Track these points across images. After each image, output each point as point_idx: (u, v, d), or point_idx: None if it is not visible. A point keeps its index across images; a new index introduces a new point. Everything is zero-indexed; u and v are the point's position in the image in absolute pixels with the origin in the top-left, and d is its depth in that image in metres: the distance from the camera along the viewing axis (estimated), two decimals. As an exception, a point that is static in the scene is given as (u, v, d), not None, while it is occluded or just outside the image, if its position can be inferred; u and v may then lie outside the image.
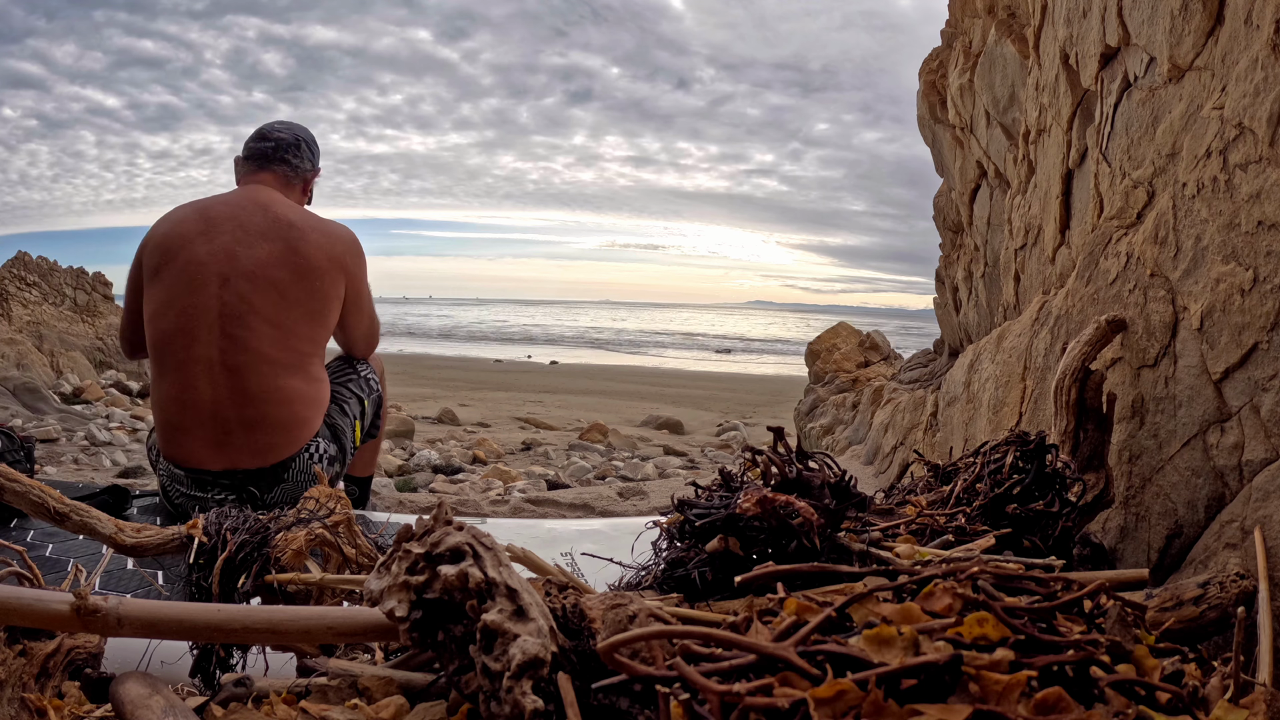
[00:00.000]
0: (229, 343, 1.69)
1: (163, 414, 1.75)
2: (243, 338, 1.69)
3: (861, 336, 5.12)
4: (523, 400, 10.20)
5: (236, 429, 1.71)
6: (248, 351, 1.70)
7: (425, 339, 29.65)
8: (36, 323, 9.69)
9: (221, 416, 1.70)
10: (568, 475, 4.88)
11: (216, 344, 1.69)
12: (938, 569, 0.58)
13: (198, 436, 1.72)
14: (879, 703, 0.43)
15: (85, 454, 5.22)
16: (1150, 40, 1.24)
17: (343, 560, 0.94)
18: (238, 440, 1.72)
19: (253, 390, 1.70)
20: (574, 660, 0.54)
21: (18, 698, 0.70)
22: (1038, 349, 1.60)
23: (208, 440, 1.72)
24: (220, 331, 1.69)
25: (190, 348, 1.69)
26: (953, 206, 3.15)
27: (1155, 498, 1.13)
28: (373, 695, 0.66)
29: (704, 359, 24.63)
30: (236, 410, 1.70)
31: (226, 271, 1.70)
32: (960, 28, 2.78)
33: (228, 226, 1.74)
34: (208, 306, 1.69)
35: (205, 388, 1.69)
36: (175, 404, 1.72)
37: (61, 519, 1.01)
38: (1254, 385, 0.95)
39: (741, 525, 0.82)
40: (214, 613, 0.66)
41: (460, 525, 0.60)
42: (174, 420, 1.73)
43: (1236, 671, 0.54)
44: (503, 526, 2.07)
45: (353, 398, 1.99)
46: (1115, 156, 1.39)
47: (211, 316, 1.69)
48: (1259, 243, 0.94)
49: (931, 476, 1.14)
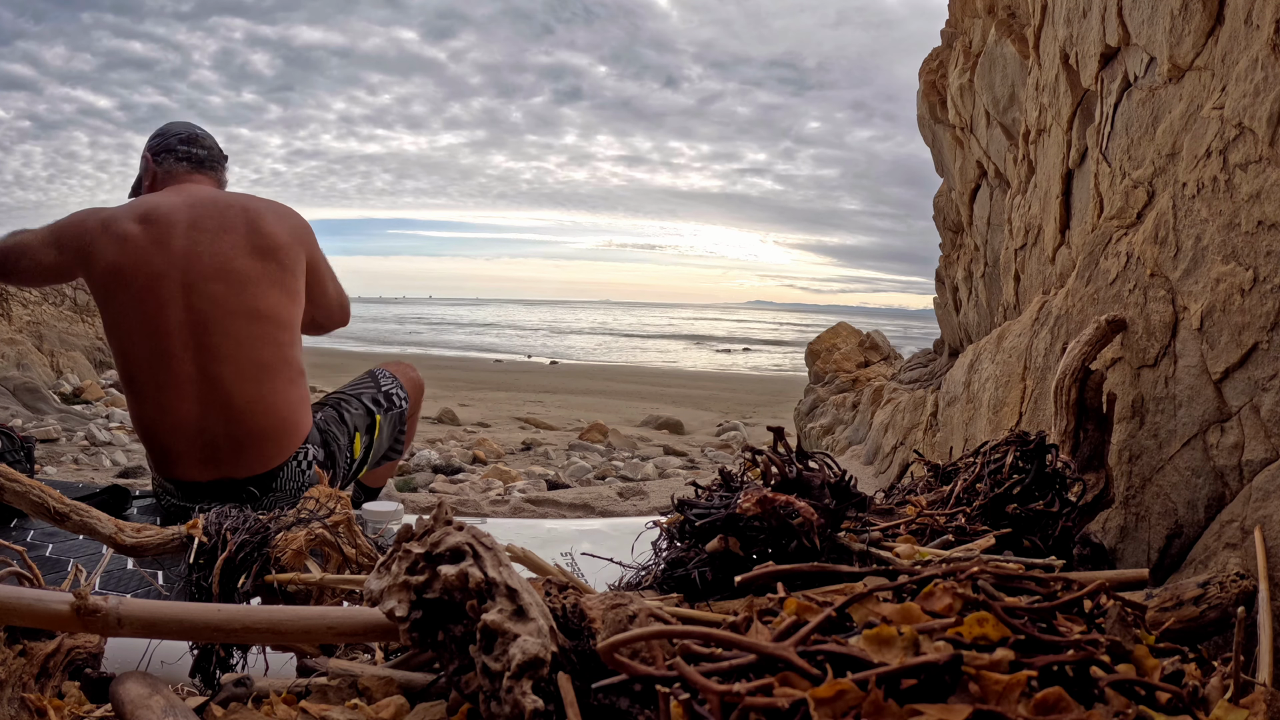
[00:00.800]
0: (205, 354, 1.62)
1: (145, 435, 1.69)
2: (219, 345, 1.62)
3: (861, 336, 5.12)
4: (523, 400, 10.20)
5: (224, 445, 1.66)
6: (226, 360, 1.63)
7: (425, 338, 29.66)
8: (36, 323, 9.69)
9: (208, 434, 1.64)
10: (568, 475, 4.88)
11: (192, 359, 1.62)
12: (938, 569, 0.58)
13: (185, 456, 1.66)
14: (879, 703, 0.43)
15: (85, 454, 5.22)
16: (1150, 40, 1.24)
17: (343, 560, 0.94)
18: (226, 455, 1.67)
19: (237, 404, 1.64)
20: (574, 660, 0.54)
21: (18, 698, 0.70)
22: (1038, 349, 1.60)
23: (195, 459, 1.66)
24: (194, 345, 1.61)
25: (166, 368, 1.61)
26: (953, 206, 3.15)
27: (1155, 498, 1.13)
28: (373, 695, 0.66)
29: (704, 359, 24.63)
30: (223, 428, 1.64)
31: (190, 278, 1.62)
32: (960, 28, 2.78)
33: (181, 229, 1.64)
34: (177, 321, 1.61)
35: (188, 408, 1.63)
36: (157, 427, 1.66)
37: (61, 519, 1.01)
38: (1254, 385, 0.95)
39: (741, 525, 0.82)
40: (214, 613, 0.66)
41: (460, 525, 0.60)
42: (158, 443, 1.68)
43: (1236, 671, 0.54)
44: (503, 526, 2.07)
45: (360, 409, 1.94)
46: (1115, 156, 1.39)
47: (184, 332, 1.61)
48: (1259, 243, 0.94)
49: (931, 476, 1.14)
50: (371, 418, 1.96)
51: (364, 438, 1.94)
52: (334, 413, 1.88)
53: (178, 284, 1.61)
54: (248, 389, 1.65)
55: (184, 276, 1.62)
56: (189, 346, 1.62)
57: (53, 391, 7.52)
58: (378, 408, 1.99)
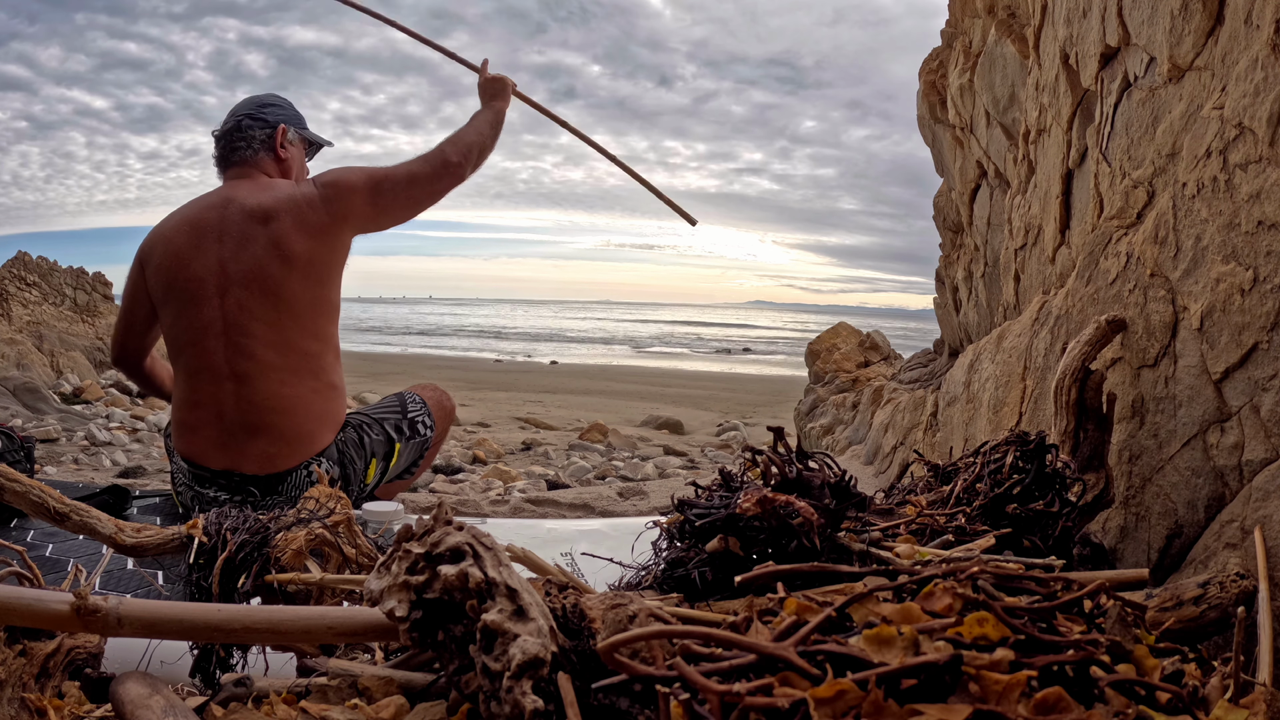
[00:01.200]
0: (234, 351, 1.72)
1: (176, 412, 1.82)
2: (247, 345, 1.72)
3: (861, 336, 5.12)
4: (523, 400, 10.19)
5: (240, 433, 1.73)
6: (253, 360, 1.72)
7: (425, 339, 29.66)
8: (36, 323, 9.69)
9: (227, 419, 1.73)
10: (568, 475, 4.88)
11: (223, 352, 1.72)
12: (938, 569, 0.58)
13: (203, 434, 1.76)
14: (879, 703, 0.43)
15: (85, 454, 5.22)
16: (1150, 40, 1.24)
17: (343, 560, 0.94)
18: (240, 444, 1.74)
19: (258, 397, 1.72)
20: (574, 660, 0.54)
21: (18, 698, 0.70)
22: (1038, 349, 1.60)
23: (212, 439, 1.75)
24: (226, 340, 1.73)
25: (200, 357, 1.74)
26: (953, 206, 3.15)
27: (1155, 498, 1.13)
28: (373, 695, 0.66)
29: (704, 359, 24.63)
30: (240, 415, 1.73)
31: (223, 283, 1.73)
32: (960, 28, 2.78)
33: (213, 235, 1.75)
34: (213, 318, 1.73)
35: (214, 393, 1.73)
36: (186, 404, 1.78)
37: (61, 519, 1.01)
38: (1254, 385, 0.95)
39: (741, 525, 0.82)
40: (214, 613, 0.66)
41: (460, 525, 0.60)
42: (184, 418, 1.79)
43: (1236, 671, 0.54)
44: (503, 526, 2.07)
45: (380, 436, 1.95)
46: (1115, 156, 1.39)
47: (217, 328, 1.73)
48: (1259, 243, 0.94)
49: (931, 476, 1.14)
50: (391, 445, 1.97)
51: (380, 464, 1.96)
52: (354, 435, 1.89)
53: (213, 287, 1.73)
54: (269, 386, 1.73)
55: (218, 281, 1.73)
56: (221, 340, 1.73)
57: (53, 391, 7.52)
58: (399, 436, 1.99)
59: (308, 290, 1.76)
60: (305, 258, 1.75)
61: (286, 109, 1.96)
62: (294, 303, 1.75)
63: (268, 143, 1.89)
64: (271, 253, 1.73)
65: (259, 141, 1.88)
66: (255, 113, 1.90)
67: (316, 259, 1.77)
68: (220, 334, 1.72)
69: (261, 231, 1.73)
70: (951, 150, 2.99)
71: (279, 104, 1.95)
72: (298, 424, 1.76)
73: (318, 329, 1.80)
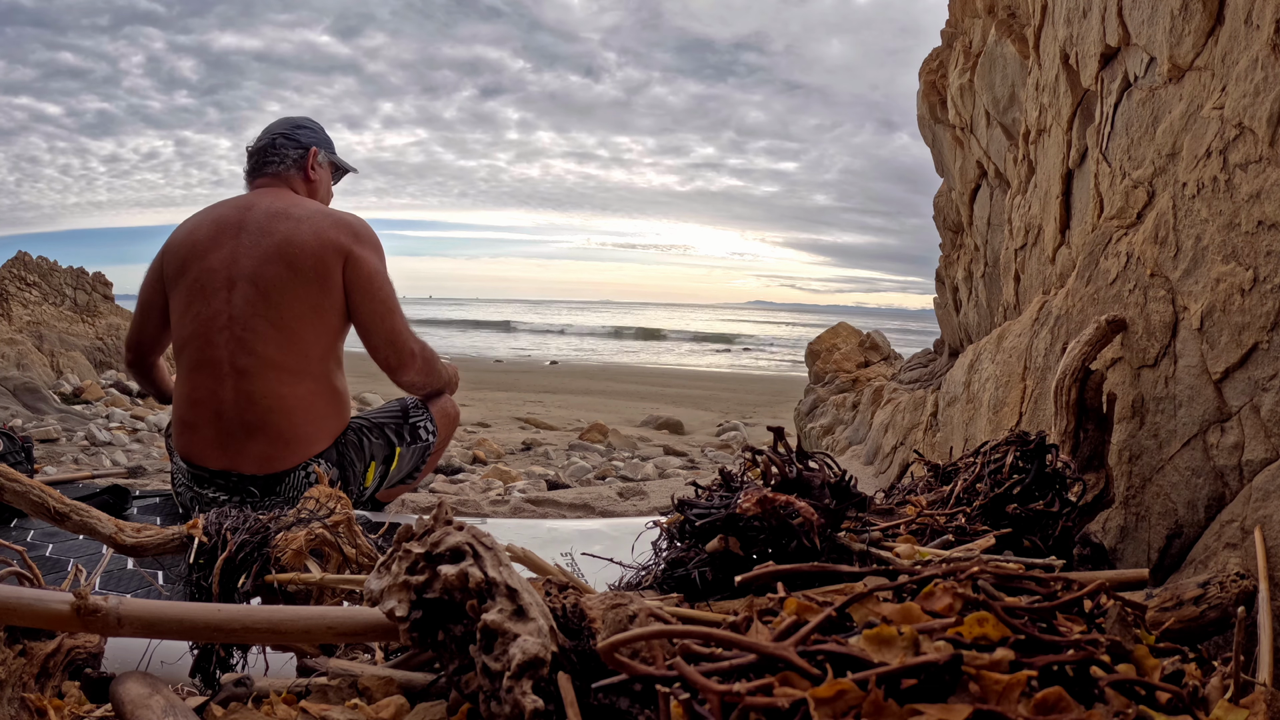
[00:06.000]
0: (238, 346, 1.73)
1: (176, 410, 1.84)
2: (250, 342, 1.73)
3: (861, 336, 5.11)
4: (523, 400, 10.19)
5: (238, 432, 1.74)
6: (255, 355, 1.73)
7: (424, 338, 29.56)
8: (36, 323, 9.69)
9: (226, 417, 1.74)
10: (568, 475, 4.88)
11: (227, 347, 1.74)
12: (938, 569, 0.58)
13: (203, 433, 1.76)
14: (879, 702, 0.43)
15: (85, 454, 5.22)
16: (1150, 40, 1.24)
17: (343, 560, 0.94)
18: (238, 443, 1.74)
19: (257, 395, 1.73)
20: (574, 660, 0.54)
21: (18, 698, 0.70)
22: (1038, 349, 1.60)
23: (211, 438, 1.75)
24: (230, 335, 1.74)
25: (204, 351, 1.75)
26: (953, 206, 3.15)
27: (1155, 498, 1.13)
28: (373, 695, 0.66)
29: (704, 359, 24.63)
30: (239, 413, 1.73)
31: (233, 276, 1.75)
32: (960, 28, 2.78)
33: (232, 231, 1.79)
34: (219, 312, 1.75)
35: (214, 389, 1.74)
36: (187, 402, 1.79)
37: (61, 519, 1.01)
38: (1254, 385, 0.95)
39: (741, 525, 0.82)
40: (214, 613, 0.66)
41: (460, 525, 0.60)
42: (184, 416, 1.80)
43: (1236, 671, 0.54)
44: (503, 526, 2.07)
45: (380, 440, 1.95)
46: (1115, 156, 1.39)
47: (223, 321, 1.74)
48: (1259, 243, 0.94)
49: (931, 476, 1.14)
50: (391, 449, 1.98)
51: (379, 468, 1.96)
52: (354, 438, 1.90)
53: (224, 279, 1.76)
54: (270, 384, 1.74)
55: (229, 274, 1.76)
56: (225, 335, 1.74)
57: (53, 391, 7.52)
58: (400, 441, 2.00)
59: (313, 295, 1.78)
60: (313, 259, 1.77)
61: (318, 133, 2.04)
62: (299, 305, 1.77)
63: (300, 162, 1.96)
64: (283, 254, 1.75)
65: (291, 160, 1.96)
66: (290, 132, 1.98)
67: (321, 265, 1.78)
68: (225, 327, 1.74)
69: (279, 232, 1.77)
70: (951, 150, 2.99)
71: (311, 127, 2.03)
72: (296, 425, 1.77)
73: (321, 333, 1.81)
